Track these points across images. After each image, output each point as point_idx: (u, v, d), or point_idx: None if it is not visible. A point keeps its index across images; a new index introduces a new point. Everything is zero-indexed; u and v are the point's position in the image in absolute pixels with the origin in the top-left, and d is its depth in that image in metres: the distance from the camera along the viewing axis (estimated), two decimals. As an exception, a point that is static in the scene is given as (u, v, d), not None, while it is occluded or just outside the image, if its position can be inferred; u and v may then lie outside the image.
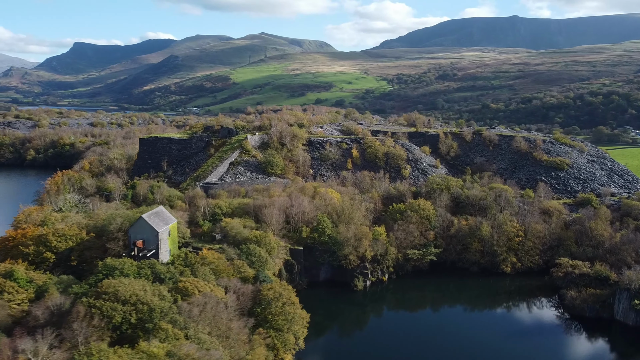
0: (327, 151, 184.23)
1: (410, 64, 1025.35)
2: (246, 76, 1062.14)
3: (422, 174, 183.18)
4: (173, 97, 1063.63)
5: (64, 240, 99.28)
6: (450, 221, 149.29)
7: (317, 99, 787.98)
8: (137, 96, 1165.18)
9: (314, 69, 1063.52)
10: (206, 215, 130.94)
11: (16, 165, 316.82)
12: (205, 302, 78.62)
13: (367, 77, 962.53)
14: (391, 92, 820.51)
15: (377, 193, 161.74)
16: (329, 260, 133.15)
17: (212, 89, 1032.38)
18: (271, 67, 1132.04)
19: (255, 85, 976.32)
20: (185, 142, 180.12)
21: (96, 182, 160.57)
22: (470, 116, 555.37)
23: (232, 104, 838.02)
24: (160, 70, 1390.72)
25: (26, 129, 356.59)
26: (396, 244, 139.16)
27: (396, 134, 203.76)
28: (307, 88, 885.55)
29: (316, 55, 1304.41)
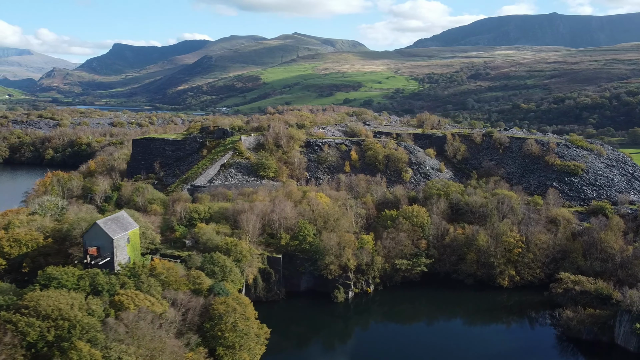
0: (324, 153, 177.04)
1: (442, 63, 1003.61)
2: (276, 76, 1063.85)
3: (424, 178, 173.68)
4: (204, 97, 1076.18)
5: (18, 245, 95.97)
6: (446, 229, 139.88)
7: (345, 99, 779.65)
8: (170, 96, 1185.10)
9: (344, 69, 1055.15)
10: (182, 220, 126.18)
11: (35, 164, 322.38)
12: (138, 318, 73.17)
13: (397, 76, 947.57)
14: (421, 91, 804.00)
15: (372, 198, 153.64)
16: (310, 270, 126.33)
17: (242, 89, 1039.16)
18: (301, 67, 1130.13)
19: (284, 85, 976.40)
20: (179, 143, 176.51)
21: (85, 184, 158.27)
22: (499, 116, 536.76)
23: (261, 104, 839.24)
24: (194, 71, 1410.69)
25: (48, 128, 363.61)
26: (384, 253, 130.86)
27: (401, 135, 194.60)
28: (336, 88, 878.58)
29: (347, 55, 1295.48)
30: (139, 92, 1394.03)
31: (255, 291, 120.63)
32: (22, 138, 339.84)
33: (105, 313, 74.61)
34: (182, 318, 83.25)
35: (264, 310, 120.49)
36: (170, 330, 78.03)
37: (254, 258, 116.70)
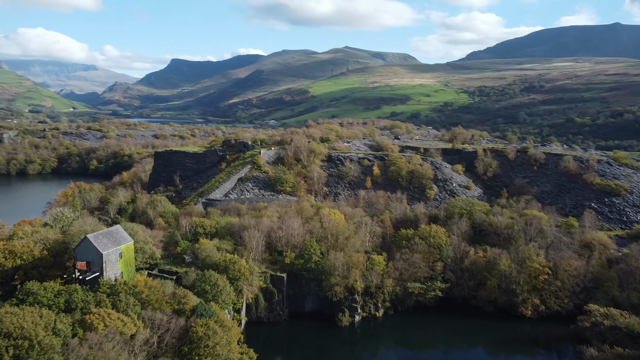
0: (346, 168, 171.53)
1: (494, 76, 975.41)
2: (324, 89, 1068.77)
3: (450, 195, 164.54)
4: (254, 110, 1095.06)
5: (12, 257, 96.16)
6: (465, 252, 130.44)
7: (392, 112, 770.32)
8: (222, 109, 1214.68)
9: (393, 82, 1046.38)
10: (187, 235, 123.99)
11: (80, 174, 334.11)
12: (105, 339, 70.24)
13: (447, 89, 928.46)
14: (470, 104, 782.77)
15: (390, 216, 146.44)
16: (315, 290, 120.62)
17: (291, 102, 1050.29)
18: (350, 80, 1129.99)
19: (332, 98, 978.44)
20: (199, 156, 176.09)
21: (106, 195, 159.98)
22: (551, 131, 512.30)
23: (308, 117, 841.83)
24: (246, 84, 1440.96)
25: (95, 140, 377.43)
26: (395, 276, 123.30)
27: (429, 150, 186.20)
28: (383, 101, 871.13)
29: (397, 68, 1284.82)
30: (193, 105, 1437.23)
31: (256, 311, 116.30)
32: (70, 149, 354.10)
33: (73, 333, 72.16)
34: (159, 340, 79.83)
35: (265, 331, 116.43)
36: (140, 353, 74.65)
37: (255, 276, 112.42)
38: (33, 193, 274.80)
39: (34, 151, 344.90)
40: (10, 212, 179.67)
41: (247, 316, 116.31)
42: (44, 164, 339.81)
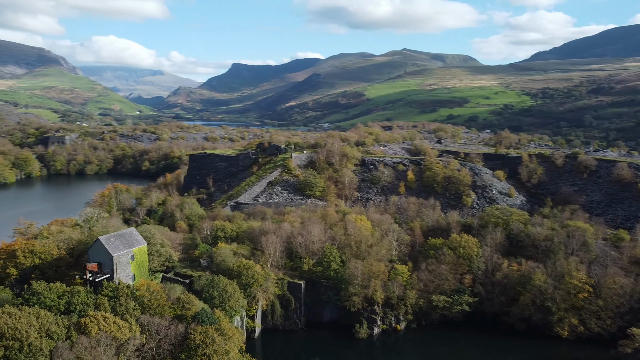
0: (379, 173, 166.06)
1: (559, 77, 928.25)
2: (380, 92, 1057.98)
3: (489, 202, 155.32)
4: (309, 113, 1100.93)
5: (31, 256, 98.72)
6: (498, 264, 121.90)
7: (449, 115, 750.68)
8: (279, 112, 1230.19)
9: (451, 84, 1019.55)
10: (207, 238, 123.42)
11: (134, 174, 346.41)
12: (96, 343, 69.77)
13: (507, 91, 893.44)
14: (532, 107, 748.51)
15: (421, 223, 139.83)
16: (334, 299, 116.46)
17: (346, 105, 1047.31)
18: (406, 83, 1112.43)
19: (387, 101, 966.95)
20: (232, 159, 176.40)
21: (140, 197, 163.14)
22: (618, 135, 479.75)
23: (362, 120, 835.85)
24: (303, 88, 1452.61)
25: (149, 142, 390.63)
26: (419, 287, 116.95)
27: (469, 155, 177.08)
28: (440, 104, 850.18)
29: (456, 70, 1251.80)
30: (252, 108, 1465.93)
31: (272, 318, 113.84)
32: (125, 150, 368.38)
33: (67, 335, 72.28)
34: (157, 346, 78.75)
35: (281, 339, 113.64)
36: (135, 359, 73.71)
37: (270, 283, 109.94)
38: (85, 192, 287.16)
39: (92, 152, 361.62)
40: (56, 210, 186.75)
41: (263, 323, 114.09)
42: (100, 165, 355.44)
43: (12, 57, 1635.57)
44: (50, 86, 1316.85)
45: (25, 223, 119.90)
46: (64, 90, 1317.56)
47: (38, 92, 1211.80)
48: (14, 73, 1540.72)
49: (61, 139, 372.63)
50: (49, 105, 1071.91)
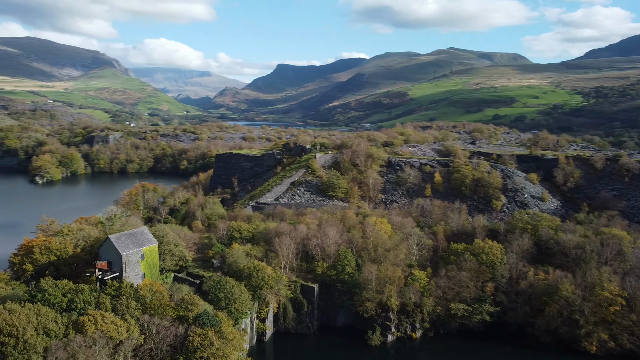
0: (405, 174, 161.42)
1: (614, 75, 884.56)
2: (424, 92, 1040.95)
3: (520, 207, 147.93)
4: (352, 113, 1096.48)
5: (47, 253, 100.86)
6: (523, 272, 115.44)
7: (494, 115, 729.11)
8: (322, 112, 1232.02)
9: (498, 83, 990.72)
10: (223, 239, 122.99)
11: (173, 173, 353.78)
12: (90, 342, 69.94)
13: (557, 90, 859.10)
14: (584, 107, 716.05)
15: (445, 227, 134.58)
16: (348, 304, 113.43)
17: (389, 105, 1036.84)
18: (451, 82, 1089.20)
19: (431, 101, 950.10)
20: (257, 159, 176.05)
21: (167, 196, 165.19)
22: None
23: (404, 120, 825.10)
24: (347, 88, 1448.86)
25: (189, 141, 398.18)
26: (438, 294, 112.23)
27: (502, 156, 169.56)
28: (485, 103, 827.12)
29: (504, 69, 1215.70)
30: (295, 108, 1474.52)
31: (284, 321, 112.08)
32: (165, 150, 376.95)
33: (65, 333, 72.86)
34: (155, 346, 78.33)
35: (294, 343, 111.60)
36: (130, 358, 73.47)
37: (282, 285, 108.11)
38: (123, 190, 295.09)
39: (134, 151, 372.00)
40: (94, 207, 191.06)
41: (275, 326, 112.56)
42: (141, 164, 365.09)
43: (70, 59, 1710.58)
44: (104, 87, 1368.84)
45: (48, 220, 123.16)
46: (116, 91, 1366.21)
47: (92, 93, 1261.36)
48: (71, 75, 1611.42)
49: (105, 138, 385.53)
50: (101, 105, 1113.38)
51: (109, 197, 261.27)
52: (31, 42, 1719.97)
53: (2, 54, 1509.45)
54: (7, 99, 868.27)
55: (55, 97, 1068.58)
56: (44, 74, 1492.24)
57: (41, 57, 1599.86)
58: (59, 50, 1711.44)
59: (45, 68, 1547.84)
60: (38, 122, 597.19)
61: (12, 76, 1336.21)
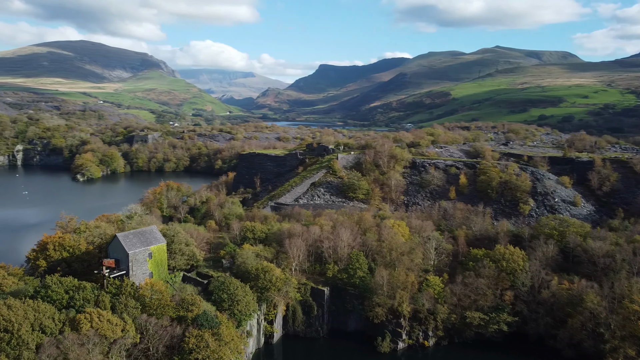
0: (429, 176, 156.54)
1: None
2: (467, 91, 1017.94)
3: (550, 211, 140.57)
4: (392, 113, 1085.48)
5: (60, 250, 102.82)
6: (546, 281, 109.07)
7: (540, 115, 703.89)
8: (362, 113, 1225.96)
9: (545, 83, 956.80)
10: (237, 239, 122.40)
11: (207, 172, 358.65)
12: (81, 340, 70.27)
13: (609, 90, 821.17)
14: (638, 107, 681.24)
15: (466, 232, 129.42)
16: (359, 309, 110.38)
17: (430, 105, 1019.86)
18: (496, 82, 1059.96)
19: (474, 100, 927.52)
20: (279, 159, 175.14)
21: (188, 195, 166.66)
22: None
23: (445, 120, 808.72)
24: (388, 88, 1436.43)
25: (224, 141, 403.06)
26: (453, 301, 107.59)
27: (533, 158, 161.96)
28: (531, 103, 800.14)
29: (552, 68, 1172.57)
30: (336, 108, 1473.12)
31: (293, 324, 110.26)
32: (201, 149, 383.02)
33: (61, 330, 73.58)
34: (151, 346, 78.05)
35: (303, 346, 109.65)
36: (123, 357, 73.42)
37: (290, 288, 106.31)
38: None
39: (171, 151, 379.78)
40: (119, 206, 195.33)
41: (284, 329, 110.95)
42: (178, 163, 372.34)
43: (120, 62, 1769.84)
44: (151, 88, 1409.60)
45: (67, 217, 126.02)
46: (163, 92, 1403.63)
47: (140, 94, 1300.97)
48: (121, 77, 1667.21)
49: (144, 138, 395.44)
50: (148, 106, 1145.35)
51: (141, 195, 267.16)
52: (84, 45, 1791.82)
53: (58, 57, 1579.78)
54: (60, 99, 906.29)
55: (105, 98, 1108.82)
56: (95, 75, 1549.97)
57: (93, 60, 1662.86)
58: (110, 53, 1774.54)
59: (97, 70, 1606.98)
60: (87, 121, 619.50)
61: (66, 78, 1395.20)
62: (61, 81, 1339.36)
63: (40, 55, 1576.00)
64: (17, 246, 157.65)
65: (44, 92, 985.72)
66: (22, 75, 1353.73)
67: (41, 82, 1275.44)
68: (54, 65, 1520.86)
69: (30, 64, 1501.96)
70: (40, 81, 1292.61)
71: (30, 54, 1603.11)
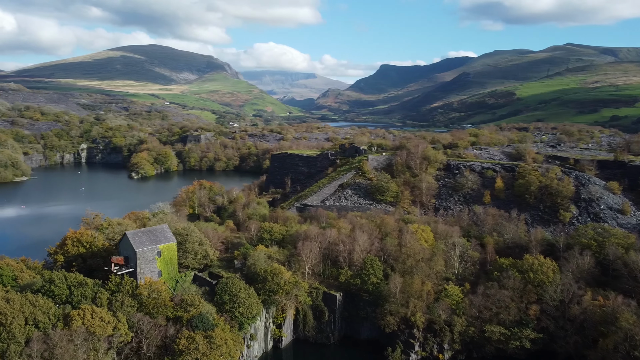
0: (463, 179, 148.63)
1: None
2: (533, 91, 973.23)
3: (594, 219, 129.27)
4: (453, 114, 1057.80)
5: (78, 245, 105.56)
6: (578, 296, 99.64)
7: (612, 116, 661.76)
8: (422, 113, 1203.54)
9: (620, 81, 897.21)
10: (253, 240, 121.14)
11: (256, 172, 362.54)
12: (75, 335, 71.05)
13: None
14: None
15: (496, 239, 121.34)
16: (372, 316, 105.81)
17: (493, 105, 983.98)
18: (565, 81, 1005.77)
19: (540, 100, 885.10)
20: (311, 160, 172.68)
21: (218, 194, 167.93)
22: None
23: (508, 121, 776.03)
24: (450, 88, 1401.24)
25: (274, 141, 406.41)
26: (471, 313, 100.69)
27: (580, 162, 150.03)
28: (602, 103, 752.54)
29: (628, 65, 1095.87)
30: (396, 109, 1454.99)
31: (303, 329, 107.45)
32: (251, 149, 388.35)
33: (53, 325, 74.79)
34: (142, 345, 77.90)
35: (312, 352, 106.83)
36: (109, 355, 73.58)
37: (300, 291, 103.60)
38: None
39: (222, 150, 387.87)
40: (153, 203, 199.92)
41: (295, 333, 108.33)
42: (228, 162, 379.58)
43: (187, 64, 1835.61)
44: (215, 90, 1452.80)
45: (92, 214, 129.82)
46: (226, 93, 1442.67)
47: (204, 96, 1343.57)
48: (187, 79, 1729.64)
49: (197, 138, 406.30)
50: (211, 107, 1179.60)
51: (175, 194, 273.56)
52: (154, 49, 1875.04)
53: (130, 61, 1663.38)
54: (129, 101, 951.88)
55: (172, 100, 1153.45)
56: (164, 78, 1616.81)
57: (162, 63, 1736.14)
58: (177, 56, 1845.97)
59: (165, 72, 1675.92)
60: (151, 122, 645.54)
61: (137, 80, 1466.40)
62: (132, 83, 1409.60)
63: (114, 59, 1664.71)
64: (57, 239, 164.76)
65: (115, 94, 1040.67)
66: (98, 78, 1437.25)
67: (114, 84, 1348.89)
68: (126, 68, 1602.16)
69: (105, 67, 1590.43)
70: (114, 83, 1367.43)
71: (106, 58, 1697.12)
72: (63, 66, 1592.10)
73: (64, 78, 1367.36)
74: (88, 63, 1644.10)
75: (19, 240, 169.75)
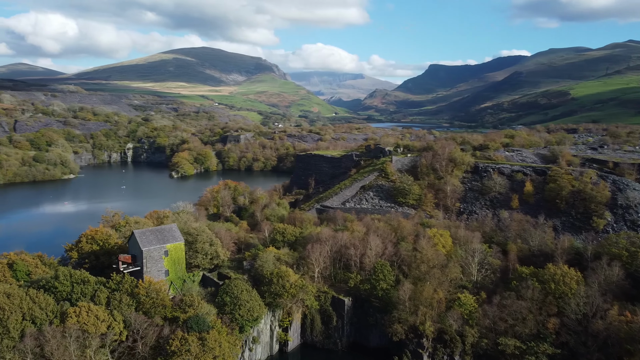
0: (491, 182, 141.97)
1: None
2: (589, 90, 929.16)
3: (631, 227, 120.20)
4: (503, 114, 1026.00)
5: (92, 242, 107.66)
6: (603, 309, 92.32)
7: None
8: (471, 114, 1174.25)
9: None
10: (266, 241, 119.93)
11: (292, 172, 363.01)
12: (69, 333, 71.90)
13: None
14: None
15: (520, 246, 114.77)
16: (382, 323, 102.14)
17: (545, 106, 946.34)
18: (625, 80, 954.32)
19: (596, 100, 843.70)
20: (335, 161, 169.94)
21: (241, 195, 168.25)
22: None
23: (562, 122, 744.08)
24: (501, 88, 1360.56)
25: (312, 142, 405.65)
26: (485, 324, 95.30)
27: (619, 165, 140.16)
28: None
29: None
30: (445, 109, 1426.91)
31: (311, 333, 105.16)
32: (289, 150, 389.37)
33: (50, 321, 75.95)
34: (136, 345, 77.93)
35: (317, 357, 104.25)
36: (103, 354, 73.90)
37: (307, 295, 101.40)
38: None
39: (260, 150, 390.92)
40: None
41: (301, 337, 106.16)
42: (266, 162, 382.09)
43: (236, 66, 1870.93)
44: (262, 91, 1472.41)
45: (112, 212, 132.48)
46: (273, 94, 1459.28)
47: (252, 97, 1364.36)
48: (236, 80, 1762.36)
49: (237, 138, 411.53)
50: (258, 107, 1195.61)
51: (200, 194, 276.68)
52: (205, 51, 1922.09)
53: (182, 63, 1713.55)
54: (180, 102, 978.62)
55: (221, 101, 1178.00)
56: (214, 79, 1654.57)
57: (213, 65, 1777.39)
58: (227, 58, 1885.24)
59: (215, 74, 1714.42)
60: (198, 122, 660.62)
61: (188, 82, 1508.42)
62: (184, 85, 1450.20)
63: (167, 62, 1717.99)
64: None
65: (167, 95, 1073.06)
66: (151, 80, 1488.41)
67: (167, 86, 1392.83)
68: (178, 70, 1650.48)
69: (158, 69, 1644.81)
70: (166, 85, 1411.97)
71: (159, 60, 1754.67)
72: (119, 69, 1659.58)
73: (120, 80, 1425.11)
74: (142, 65, 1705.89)
75: (52, 236, 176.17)
